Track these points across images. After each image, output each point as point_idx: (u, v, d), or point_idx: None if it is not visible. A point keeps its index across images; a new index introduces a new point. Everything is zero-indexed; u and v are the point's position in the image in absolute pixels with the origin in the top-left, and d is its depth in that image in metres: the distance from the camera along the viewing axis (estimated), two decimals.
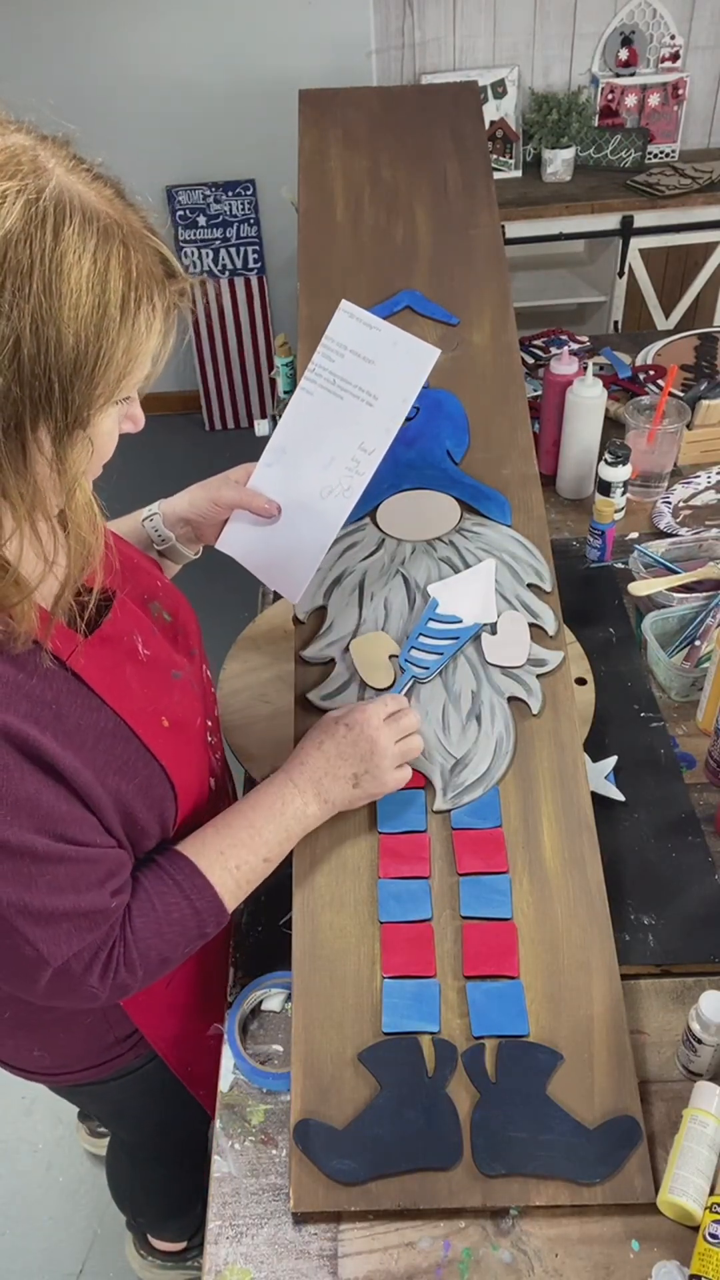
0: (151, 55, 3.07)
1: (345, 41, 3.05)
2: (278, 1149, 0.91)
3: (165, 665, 0.92)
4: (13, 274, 0.61)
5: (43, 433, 0.67)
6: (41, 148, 0.68)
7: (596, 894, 0.98)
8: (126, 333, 0.67)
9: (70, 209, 0.64)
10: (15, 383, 0.63)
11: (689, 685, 1.29)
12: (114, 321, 0.66)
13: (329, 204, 1.52)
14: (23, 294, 0.62)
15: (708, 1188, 0.83)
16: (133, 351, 0.68)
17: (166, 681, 0.91)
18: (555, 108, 3.04)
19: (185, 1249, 1.63)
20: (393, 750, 0.95)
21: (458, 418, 1.30)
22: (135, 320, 0.68)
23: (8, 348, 0.62)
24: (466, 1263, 0.82)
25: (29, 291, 0.62)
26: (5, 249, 0.61)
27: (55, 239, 0.63)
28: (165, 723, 0.89)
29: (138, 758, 0.85)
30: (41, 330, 0.63)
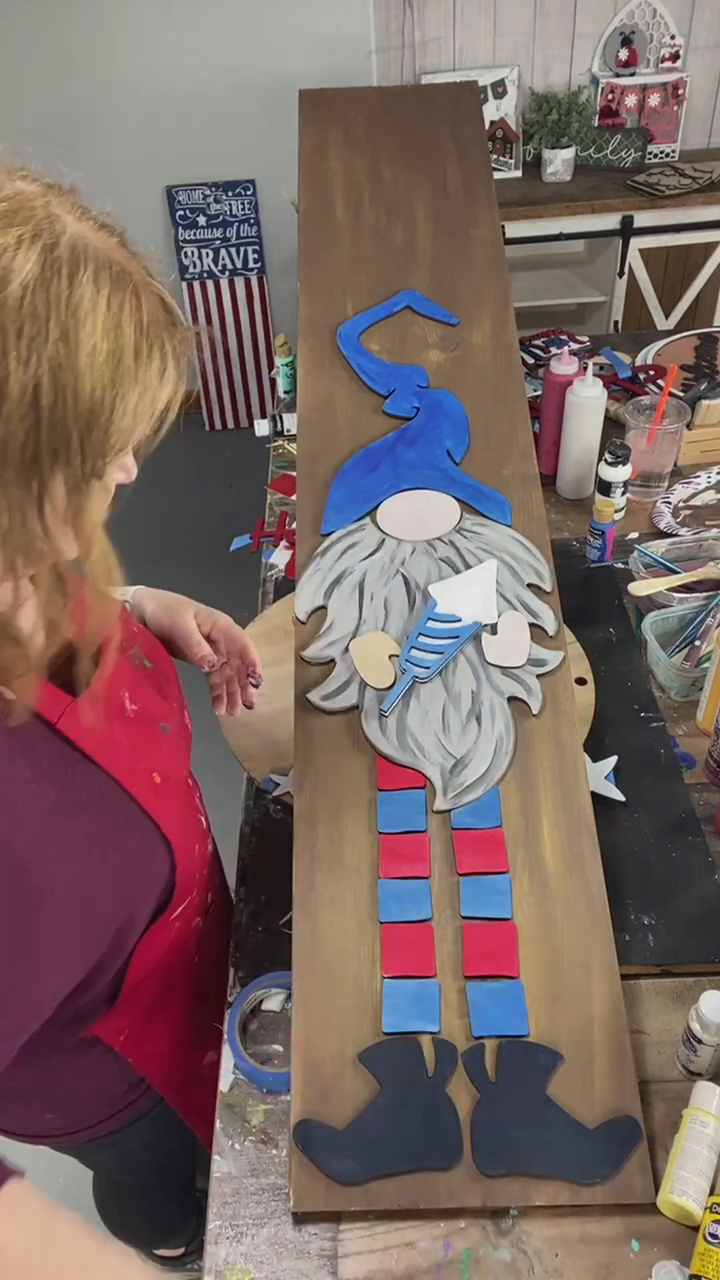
0: (152, 55, 3.08)
1: (345, 41, 3.05)
2: (278, 1149, 0.91)
3: (153, 719, 0.90)
4: (30, 320, 0.60)
5: (58, 483, 0.64)
6: (50, 195, 0.67)
7: (596, 894, 0.98)
8: (141, 380, 0.66)
9: (85, 256, 0.63)
10: (34, 432, 0.61)
11: (689, 685, 1.29)
12: (129, 369, 0.65)
13: (329, 204, 1.52)
14: (40, 341, 0.60)
15: (708, 1188, 0.83)
16: (146, 399, 0.67)
17: (155, 736, 0.90)
18: (555, 108, 3.04)
19: (184, 1254, 1.63)
20: None
21: (458, 418, 1.30)
22: (149, 367, 0.66)
23: (27, 396, 0.60)
24: (466, 1263, 0.82)
25: (46, 339, 0.60)
26: (23, 295, 0.60)
27: (71, 286, 0.62)
28: (157, 779, 0.87)
29: (131, 822, 0.83)
30: (60, 378, 0.61)
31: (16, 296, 0.60)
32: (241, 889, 1.11)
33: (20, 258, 0.60)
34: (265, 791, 1.20)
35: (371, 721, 1.07)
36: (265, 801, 1.20)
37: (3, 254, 0.60)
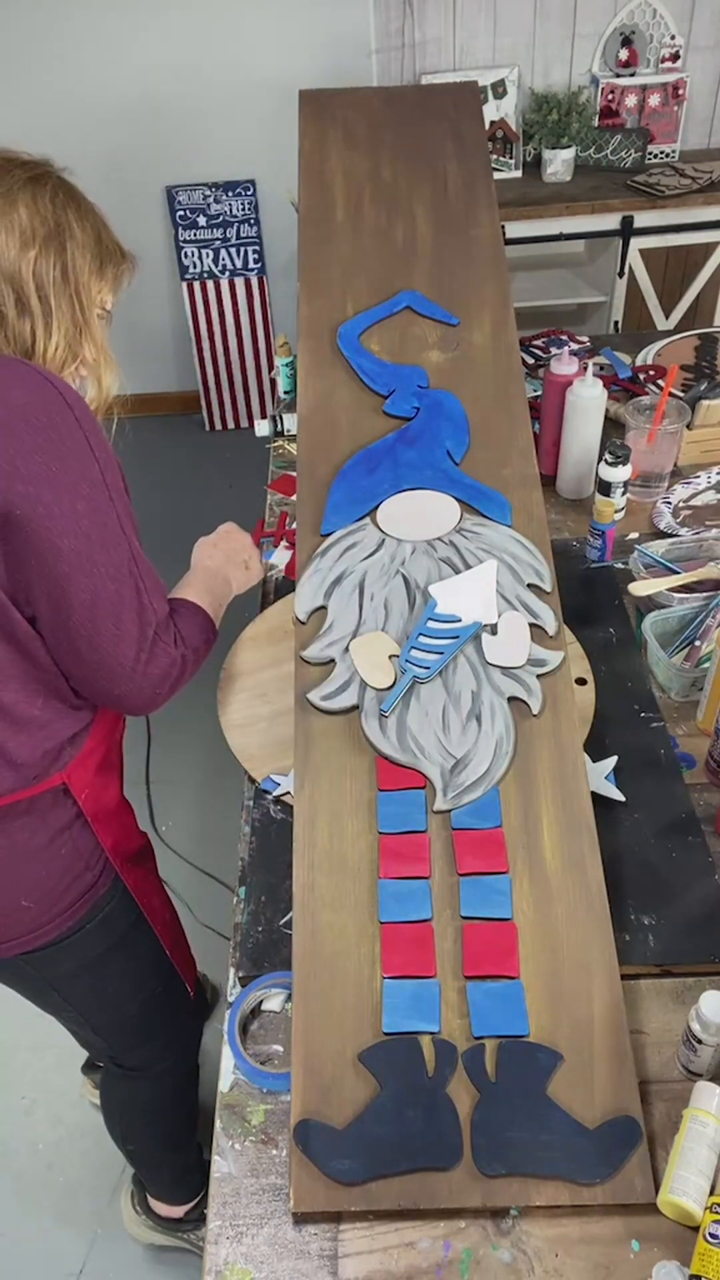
0: (152, 55, 3.08)
1: (345, 41, 3.05)
2: (278, 1149, 0.91)
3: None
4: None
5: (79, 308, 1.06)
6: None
7: (596, 894, 0.98)
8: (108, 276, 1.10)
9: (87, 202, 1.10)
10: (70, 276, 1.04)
11: (689, 685, 1.29)
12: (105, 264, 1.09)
13: (329, 204, 1.52)
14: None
15: (708, 1188, 0.83)
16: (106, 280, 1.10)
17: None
18: (555, 108, 3.04)
19: (181, 1219, 1.64)
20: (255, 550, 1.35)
21: (458, 418, 1.30)
22: (107, 271, 1.10)
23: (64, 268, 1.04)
24: (466, 1263, 0.82)
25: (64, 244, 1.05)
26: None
27: (96, 221, 1.10)
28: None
29: None
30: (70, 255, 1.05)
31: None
32: (241, 889, 1.11)
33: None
34: (265, 791, 1.20)
35: (371, 721, 1.07)
36: (265, 801, 1.20)
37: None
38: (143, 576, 1.02)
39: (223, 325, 3.56)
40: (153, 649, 1.03)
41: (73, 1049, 1.84)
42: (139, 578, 1.02)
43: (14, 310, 1.01)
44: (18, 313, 1.02)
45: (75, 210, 1.05)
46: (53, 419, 0.96)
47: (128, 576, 1.00)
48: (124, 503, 1.01)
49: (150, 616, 1.02)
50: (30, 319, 1.02)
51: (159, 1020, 1.39)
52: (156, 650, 1.03)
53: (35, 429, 0.94)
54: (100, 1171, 1.78)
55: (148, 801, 1.50)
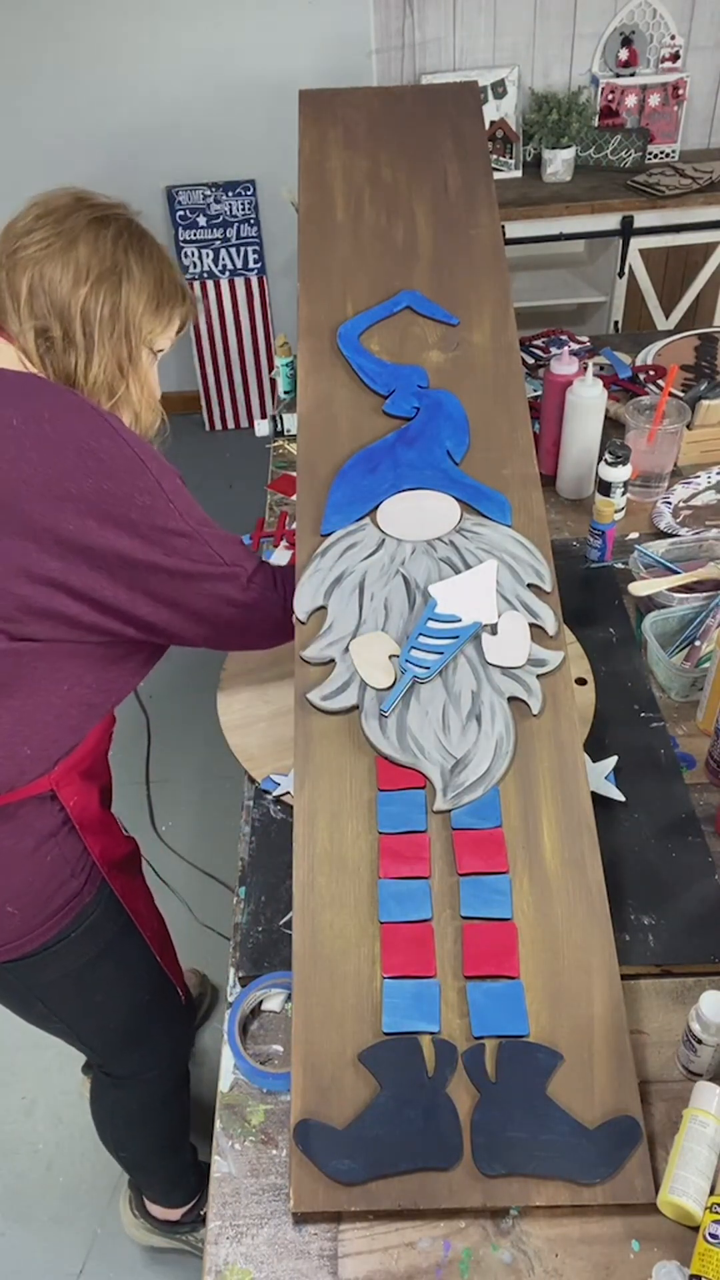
0: (152, 55, 3.08)
1: (345, 41, 3.05)
2: (278, 1149, 0.91)
3: None
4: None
5: (126, 346, 1.11)
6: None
7: (596, 894, 0.98)
8: (164, 318, 1.16)
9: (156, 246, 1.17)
10: (120, 316, 1.10)
11: (689, 685, 1.29)
12: (165, 306, 1.15)
13: (329, 204, 1.52)
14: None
15: (708, 1188, 0.83)
16: (163, 320, 1.16)
17: None
18: (555, 108, 3.04)
19: (178, 1221, 1.64)
20: None
21: (458, 418, 1.30)
22: (173, 313, 1.17)
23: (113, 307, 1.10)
24: (466, 1263, 0.82)
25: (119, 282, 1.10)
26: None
27: (157, 257, 1.16)
28: None
29: None
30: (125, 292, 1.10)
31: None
32: (241, 889, 1.11)
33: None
34: (265, 791, 1.20)
35: (371, 721, 1.07)
36: (265, 801, 1.20)
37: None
38: (213, 546, 1.09)
39: (223, 325, 3.56)
40: (244, 597, 1.14)
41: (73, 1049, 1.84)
42: (209, 551, 1.09)
43: (61, 340, 1.07)
44: (64, 344, 1.07)
45: (138, 253, 1.10)
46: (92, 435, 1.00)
47: (198, 555, 1.08)
48: (181, 494, 1.07)
49: (234, 572, 1.12)
50: (74, 351, 1.08)
51: (147, 1028, 1.38)
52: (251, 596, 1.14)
53: (83, 452, 0.99)
54: (100, 1171, 1.78)
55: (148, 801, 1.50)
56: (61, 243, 1.06)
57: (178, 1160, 1.60)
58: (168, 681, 1.19)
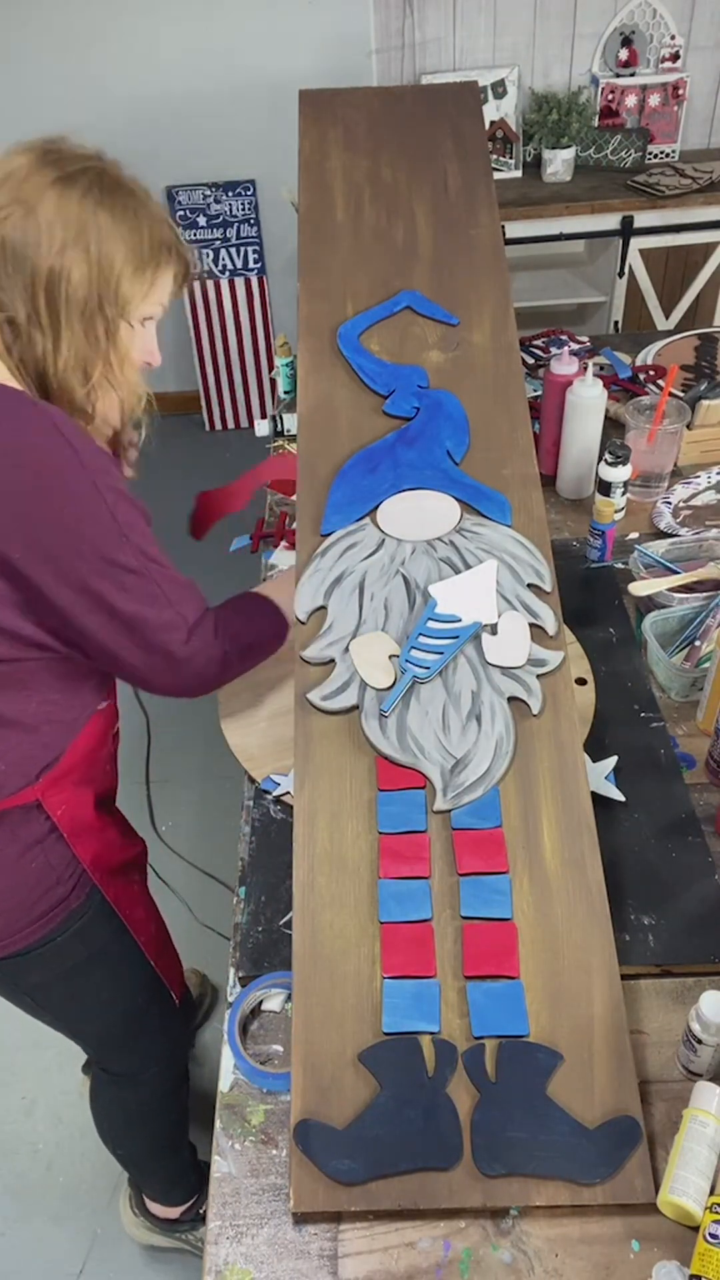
0: (152, 55, 3.08)
1: (345, 41, 3.05)
2: (278, 1149, 0.91)
3: None
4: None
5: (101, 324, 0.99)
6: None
7: (596, 894, 0.98)
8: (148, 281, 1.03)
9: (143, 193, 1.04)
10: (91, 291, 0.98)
11: (689, 685, 1.29)
12: (146, 264, 1.03)
13: (329, 204, 1.52)
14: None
15: (708, 1188, 0.83)
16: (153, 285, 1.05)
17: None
18: (555, 108, 3.04)
19: (177, 1219, 1.64)
20: None
21: (458, 418, 1.30)
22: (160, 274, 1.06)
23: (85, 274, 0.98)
24: (466, 1263, 0.82)
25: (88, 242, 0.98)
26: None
27: (142, 207, 1.02)
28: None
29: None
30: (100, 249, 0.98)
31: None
32: (241, 889, 1.11)
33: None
34: (265, 791, 1.20)
35: (371, 721, 1.07)
36: (265, 801, 1.20)
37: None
38: (162, 587, 1.03)
39: (223, 325, 3.56)
40: (183, 652, 1.06)
41: (73, 1049, 1.84)
42: (157, 591, 1.03)
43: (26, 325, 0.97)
44: (29, 328, 0.97)
45: (110, 208, 0.97)
46: (50, 459, 0.95)
47: (144, 596, 1.01)
48: (137, 528, 1.01)
49: (177, 621, 1.05)
50: (40, 335, 0.98)
51: (144, 1030, 1.37)
52: (191, 650, 1.06)
53: (32, 473, 0.94)
54: (100, 1171, 1.78)
55: (148, 801, 1.50)
56: (21, 211, 0.94)
57: (177, 1159, 1.60)
58: None
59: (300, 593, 1.18)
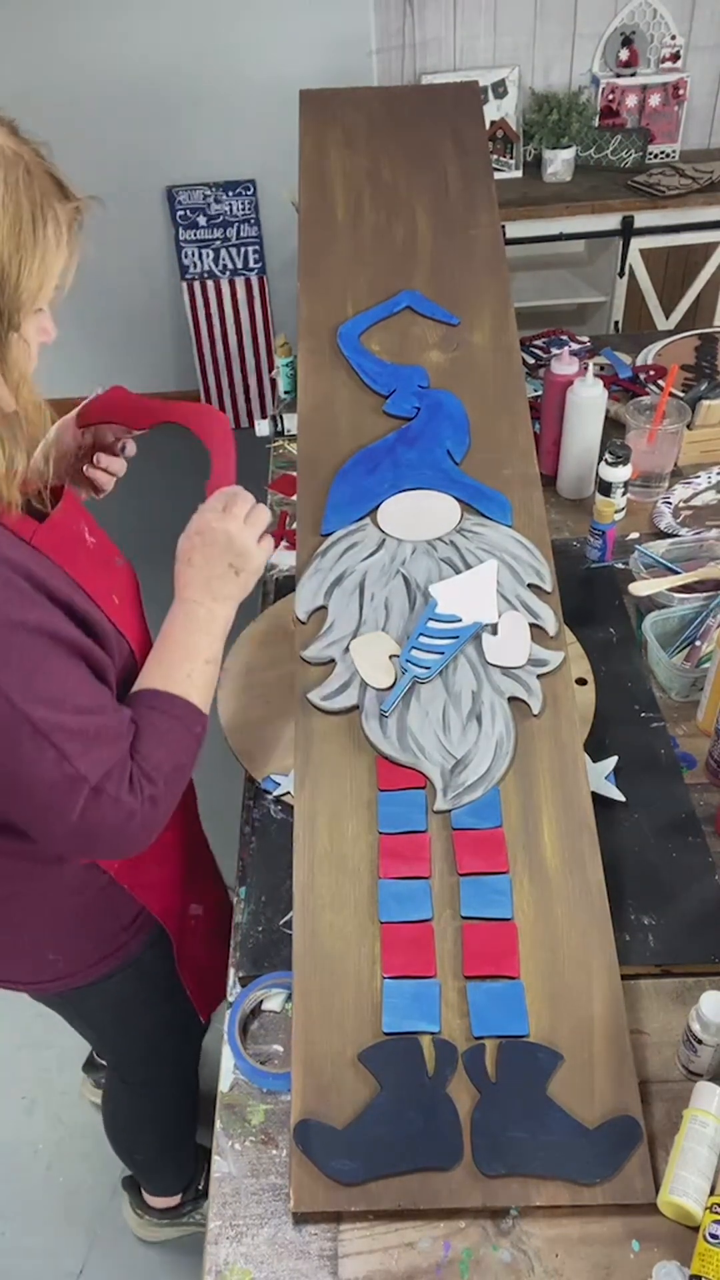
0: (152, 55, 3.07)
1: (345, 41, 3.05)
2: (278, 1149, 0.91)
3: (108, 552, 1.03)
4: None
5: None
6: None
7: (596, 894, 0.98)
8: (40, 244, 0.79)
9: None
10: None
11: (689, 685, 1.29)
12: (28, 234, 0.78)
13: (329, 204, 1.52)
14: None
15: (708, 1188, 0.83)
16: (47, 262, 0.81)
17: (112, 566, 1.03)
18: (555, 108, 3.04)
19: (179, 1205, 1.64)
20: (244, 529, 1.00)
21: (458, 418, 1.30)
22: (45, 234, 0.79)
23: None
24: (466, 1263, 0.82)
25: None
26: None
27: None
28: (116, 600, 0.99)
29: (103, 621, 0.95)
30: None
31: None
32: (241, 889, 1.11)
33: None
34: (265, 791, 1.20)
35: (372, 721, 1.07)
36: (265, 801, 1.20)
37: None
38: (62, 744, 0.83)
39: (223, 325, 3.56)
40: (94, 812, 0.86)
41: (73, 1049, 1.84)
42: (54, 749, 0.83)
43: None
44: None
45: None
46: None
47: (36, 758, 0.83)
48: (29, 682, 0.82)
49: (79, 783, 0.85)
50: None
51: (171, 1049, 1.39)
52: (101, 808, 0.86)
53: None
54: (100, 1171, 1.78)
55: None
56: None
57: (183, 1153, 1.61)
58: None
59: (300, 593, 1.18)
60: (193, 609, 0.99)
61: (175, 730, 0.94)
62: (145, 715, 0.93)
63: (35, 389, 0.86)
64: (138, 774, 0.89)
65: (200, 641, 0.98)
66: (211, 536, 0.99)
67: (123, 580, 1.04)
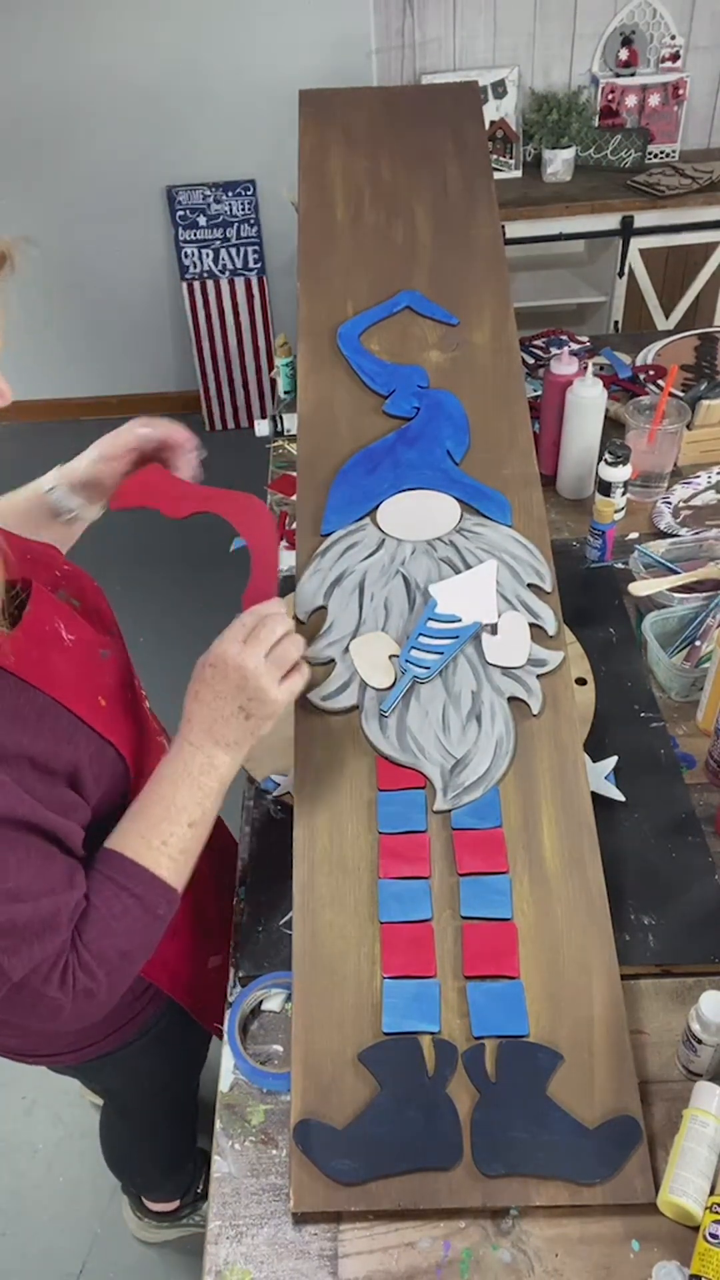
0: (152, 55, 3.08)
1: (345, 41, 3.05)
2: (278, 1149, 0.91)
3: (91, 646, 0.94)
4: None
5: None
6: None
7: (596, 894, 0.98)
8: None
9: None
10: None
11: (689, 685, 1.29)
12: None
13: (329, 204, 1.52)
14: None
15: (708, 1188, 0.83)
16: None
17: (96, 662, 0.94)
18: (555, 108, 3.04)
19: (179, 1208, 1.64)
20: (264, 667, 0.90)
21: (458, 418, 1.30)
22: None
23: None
24: (466, 1263, 0.82)
25: None
26: None
27: None
28: (102, 702, 0.91)
29: (82, 733, 0.87)
30: None
31: None
32: (241, 889, 1.11)
33: None
34: (265, 791, 1.20)
35: (371, 722, 1.07)
36: (265, 801, 1.20)
37: None
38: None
39: (223, 325, 3.56)
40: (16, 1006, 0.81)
41: None
42: None
43: None
44: None
45: None
46: None
47: None
48: None
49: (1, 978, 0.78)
50: None
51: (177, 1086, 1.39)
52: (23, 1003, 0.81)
53: None
54: (100, 1171, 1.78)
55: None
56: None
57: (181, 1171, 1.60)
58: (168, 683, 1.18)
59: (300, 593, 1.18)
60: (190, 755, 0.90)
61: (131, 913, 0.84)
62: (102, 889, 0.84)
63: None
64: (75, 965, 0.81)
65: (188, 799, 0.89)
66: (224, 672, 0.90)
67: (108, 677, 0.96)
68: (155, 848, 0.87)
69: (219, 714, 0.90)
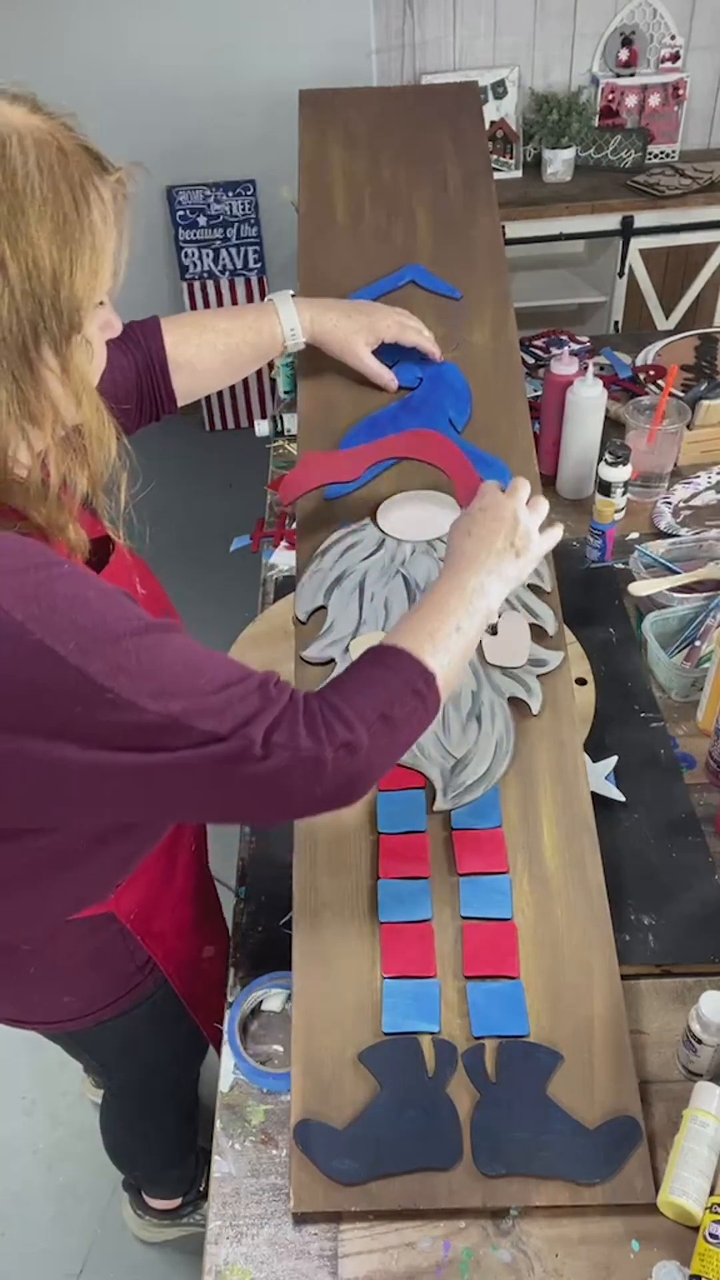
0: (152, 55, 3.07)
1: (345, 41, 3.05)
2: (278, 1149, 0.91)
3: (160, 600, 1.02)
4: None
5: (45, 347, 0.70)
6: None
7: (596, 894, 0.98)
8: (88, 229, 0.70)
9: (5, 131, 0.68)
10: (13, 306, 0.67)
11: (689, 685, 1.29)
12: (74, 222, 0.69)
13: (329, 204, 1.52)
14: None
15: (708, 1188, 0.83)
16: (98, 247, 0.72)
17: (163, 615, 0.96)
18: (555, 108, 3.04)
19: (179, 1206, 1.64)
20: (528, 513, 0.98)
21: (460, 387, 1.30)
22: (92, 219, 0.71)
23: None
24: (466, 1263, 0.82)
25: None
26: None
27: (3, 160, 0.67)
28: None
29: None
30: (20, 248, 0.66)
31: None
32: (241, 889, 1.11)
33: None
34: None
35: None
36: None
37: None
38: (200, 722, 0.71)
39: None
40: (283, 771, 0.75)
41: None
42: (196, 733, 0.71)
43: None
44: None
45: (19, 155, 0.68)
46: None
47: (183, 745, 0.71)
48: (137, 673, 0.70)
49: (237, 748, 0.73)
50: None
51: (175, 1072, 1.39)
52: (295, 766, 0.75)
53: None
54: (100, 1171, 1.78)
55: None
56: None
57: (182, 1165, 1.61)
58: None
59: (300, 593, 1.18)
60: (465, 577, 0.91)
61: (385, 680, 0.81)
62: (358, 665, 0.83)
63: (98, 398, 0.76)
64: (328, 716, 0.77)
65: (457, 607, 0.89)
66: (498, 512, 0.96)
67: None
68: (420, 638, 0.85)
69: (492, 547, 0.95)
